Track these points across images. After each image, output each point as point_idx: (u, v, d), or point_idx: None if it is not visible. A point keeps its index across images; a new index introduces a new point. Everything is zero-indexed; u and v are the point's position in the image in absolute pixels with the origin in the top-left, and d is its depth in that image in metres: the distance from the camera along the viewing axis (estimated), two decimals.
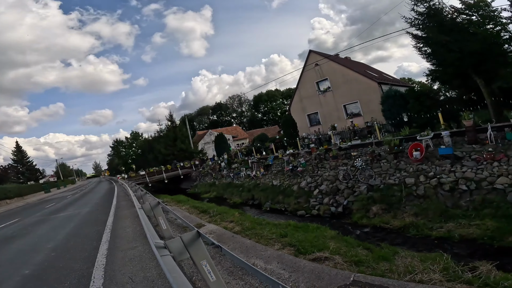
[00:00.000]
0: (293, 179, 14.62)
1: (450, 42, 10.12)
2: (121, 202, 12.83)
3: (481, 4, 10.59)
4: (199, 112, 69.32)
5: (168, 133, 34.39)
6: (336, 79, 23.24)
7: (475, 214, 7.15)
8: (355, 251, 6.07)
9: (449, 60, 10.35)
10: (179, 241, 2.56)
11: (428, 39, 11.04)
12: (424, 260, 5.10)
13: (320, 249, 6.15)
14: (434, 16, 11.07)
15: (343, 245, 6.58)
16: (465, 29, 10.58)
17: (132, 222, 7.76)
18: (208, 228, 7.77)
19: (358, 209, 9.61)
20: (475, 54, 9.99)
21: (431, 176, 8.99)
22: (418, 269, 4.69)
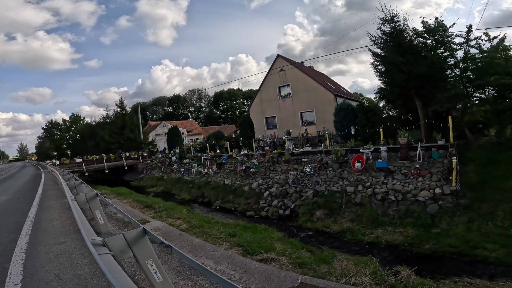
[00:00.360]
0: (245, 179, 14.81)
1: (402, 63, 11.30)
2: (49, 192, 11.26)
3: (440, 29, 11.84)
4: (154, 101, 65.58)
5: (116, 119, 31.69)
6: (298, 86, 24.30)
7: (400, 222, 8.21)
8: (299, 253, 6.44)
9: (397, 80, 11.56)
10: (122, 238, 2.39)
11: (385, 58, 12.12)
12: (357, 264, 5.67)
13: (267, 250, 6.38)
14: (396, 37, 12.12)
15: (288, 247, 6.92)
16: (418, 52, 11.82)
17: (60, 215, 6.98)
18: (153, 224, 7.39)
19: (303, 213, 10.19)
20: (420, 77, 11.33)
21: (367, 186, 10.03)
22: (352, 272, 5.19)
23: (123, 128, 30.62)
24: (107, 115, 33.99)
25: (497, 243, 6.31)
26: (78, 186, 9.06)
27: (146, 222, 7.52)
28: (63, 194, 8.58)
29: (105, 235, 5.21)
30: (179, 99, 65.68)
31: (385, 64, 12.13)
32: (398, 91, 12.64)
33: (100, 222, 5.22)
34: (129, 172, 28.80)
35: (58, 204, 8.40)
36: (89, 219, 6.74)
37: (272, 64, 26.34)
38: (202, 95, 67.03)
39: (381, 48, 13.15)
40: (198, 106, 67.89)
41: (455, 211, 8.00)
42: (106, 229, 5.39)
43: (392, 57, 11.54)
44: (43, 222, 6.46)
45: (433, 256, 6.53)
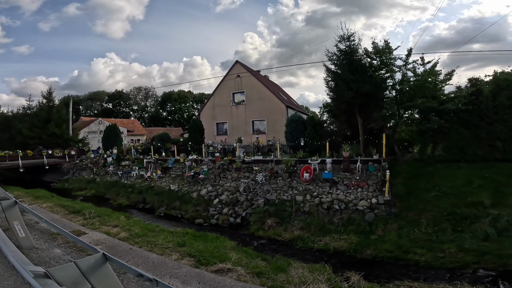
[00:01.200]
0: (193, 185, 14.16)
1: (352, 81, 12.32)
2: None
3: (386, 50, 12.89)
4: (91, 96, 58.44)
5: (39, 111, 27.01)
6: (252, 94, 24.64)
7: (343, 230, 8.85)
8: (255, 262, 6.36)
9: (345, 96, 12.56)
10: (74, 268, 1.88)
11: (338, 74, 13.01)
12: (312, 271, 5.85)
13: (222, 260, 6.15)
14: (349, 55, 12.99)
15: (243, 256, 6.79)
16: (365, 71, 12.88)
17: None
18: (91, 236, 6.41)
19: (255, 221, 10.18)
20: (365, 95, 12.46)
21: (315, 195, 10.61)
22: (309, 279, 5.32)
23: (47, 121, 26.27)
24: (29, 105, 28.81)
25: (424, 248, 7.28)
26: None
27: (82, 234, 6.46)
28: None
29: (29, 251, 4.28)
30: (121, 95, 60.08)
31: (336, 80, 13.03)
32: (345, 107, 13.72)
33: (20, 235, 4.29)
34: (50, 172, 24.77)
35: None
36: (3, 229, 5.50)
37: (230, 69, 26.29)
38: (149, 94, 62.71)
39: (335, 64, 14.02)
40: (143, 105, 63.14)
41: (388, 219, 9.00)
42: (29, 243, 4.49)
43: (344, 74, 12.47)
44: None
45: (374, 261, 7.18)
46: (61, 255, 4.40)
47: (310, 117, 15.57)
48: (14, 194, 15.39)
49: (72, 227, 7.08)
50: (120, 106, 60.06)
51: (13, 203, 4.67)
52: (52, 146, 25.33)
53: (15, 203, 4.72)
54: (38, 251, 4.40)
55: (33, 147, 24.78)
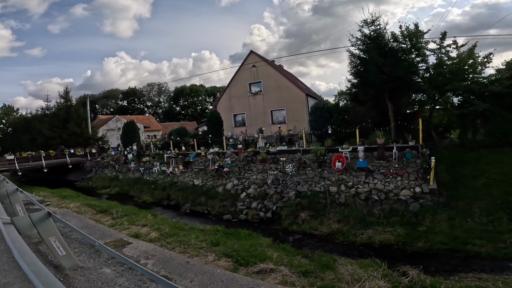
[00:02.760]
0: (217, 179, 13.96)
1: (384, 65, 11.71)
2: None
3: (418, 34, 12.47)
4: (105, 94, 59.72)
5: (58, 111, 27.65)
6: (269, 84, 24.08)
7: (386, 222, 8.34)
8: (297, 260, 6.02)
9: (376, 81, 11.94)
10: None
11: (368, 59, 12.45)
12: (363, 267, 5.43)
13: (261, 260, 5.85)
14: (375, 39, 12.50)
15: (283, 254, 6.49)
16: (397, 55, 12.37)
17: None
18: (137, 247, 5.88)
19: (287, 215, 9.83)
20: (398, 79, 11.86)
21: (350, 186, 10.10)
22: (363, 276, 4.91)
23: (67, 121, 26.88)
24: (47, 106, 29.53)
25: (482, 239, 6.70)
26: (12, 195, 6.76)
27: (126, 244, 6.05)
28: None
29: (74, 272, 3.76)
30: (135, 92, 60.98)
31: (365, 65, 12.44)
32: (374, 92, 13.08)
33: (60, 253, 3.69)
34: (73, 171, 25.46)
35: None
36: (36, 242, 5.22)
37: (244, 60, 25.77)
38: (162, 90, 63.26)
39: (360, 49, 13.50)
40: (156, 101, 63.91)
41: (435, 209, 8.40)
42: (72, 262, 3.84)
43: (374, 58, 11.88)
44: None
45: (428, 254, 6.70)
46: (113, 277, 3.79)
47: (335, 104, 14.92)
48: (40, 195, 15.77)
49: (112, 236, 6.59)
50: (135, 103, 61.08)
51: (46, 215, 3.88)
52: (73, 145, 25.96)
53: (49, 215, 3.91)
54: (85, 272, 3.85)
55: (55, 147, 25.48)
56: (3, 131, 34.63)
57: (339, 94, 48.78)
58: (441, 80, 11.85)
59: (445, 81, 11.83)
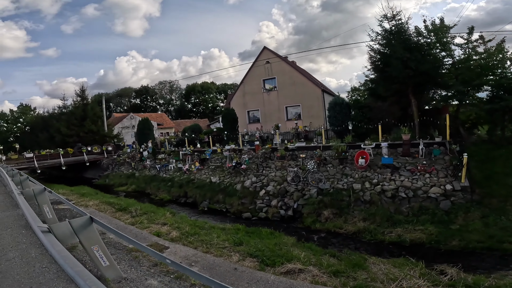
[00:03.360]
0: (235, 177, 13.95)
1: (410, 60, 11.44)
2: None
3: (444, 28, 12.31)
4: (119, 93, 61.05)
5: (75, 109, 28.42)
6: (284, 80, 23.90)
7: (416, 220, 8.12)
8: (325, 259, 5.91)
9: (401, 76, 11.67)
10: None
11: (390, 54, 12.21)
12: (397, 266, 5.28)
13: (288, 260, 5.74)
14: (398, 34, 12.33)
15: (309, 253, 6.37)
16: (422, 50, 12.15)
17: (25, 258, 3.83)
18: (175, 252, 5.59)
19: (309, 213, 9.73)
20: (424, 74, 11.57)
21: (375, 183, 9.87)
22: (399, 276, 4.78)
23: (83, 119, 27.60)
24: (64, 105, 30.44)
25: None
26: (39, 195, 6.12)
27: (163, 248, 5.79)
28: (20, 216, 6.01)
29: (119, 284, 3.42)
30: (148, 90, 62.04)
31: (389, 59, 12.21)
32: (397, 88, 12.81)
33: (103, 263, 3.35)
34: (91, 168, 26.10)
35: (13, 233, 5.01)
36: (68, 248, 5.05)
37: (258, 56, 25.65)
38: (174, 87, 64.14)
39: (381, 44, 13.32)
40: (168, 98, 64.82)
41: (468, 207, 8.12)
42: (116, 273, 3.50)
43: (399, 53, 11.62)
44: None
45: (463, 253, 6.52)
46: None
47: (355, 99, 14.65)
48: (60, 192, 16.21)
49: (146, 238, 6.41)
50: (147, 101, 62.18)
51: (87, 221, 3.38)
52: (90, 143, 26.61)
53: (91, 221, 3.39)
54: (130, 284, 3.50)
55: (72, 145, 26.20)
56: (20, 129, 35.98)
57: (352, 90, 48.03)
58: (469, 75, 11.51)
59: (473, 76, 11.51)
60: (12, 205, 6.99)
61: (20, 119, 39.99)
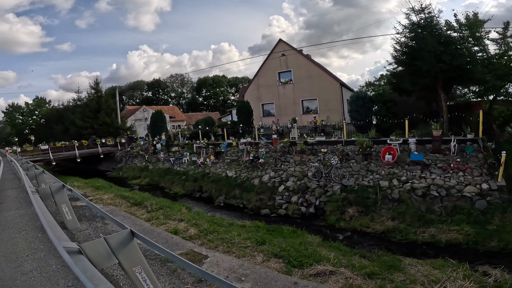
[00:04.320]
0: (251, 171, 13.78)
1: (443, 53, 10.95)
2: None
3: (477, 23, 12.00)
4: (131, 85, 62.01)
5: (89, 102, 28.85)
6: (300, 73, 23.46)
7: (450, 220, 7.74)
8: (356, 260, 5.67)
9: (433, 70, 11.21)
10: None
11: (421, 47, 11.79)
12: (437, 268, 5.04)
13: (317, 261, 5.51)
14: (427, 27, 11.97)
15: (338, 254, 6.14)
16: (455, 44, 11.73)
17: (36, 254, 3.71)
18: (217, 262, 5.11)
19: (332, 211, 9.47)
20: (458, 68, 11.06)
21: (403, 180, 9.49)
22: (441, 278, 4.54)
23: (98, 111, 27.99)
24: (79, 97, 30.97)
25: None
26: (57, 194, 5.56)
27: (202, 258, 5.33)
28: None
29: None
30: (160, 83, 62.68)
31: (420, 53, 11.76)
32: (426, 82, 12.32)
33: (146, 286, 2.70)
34: (104, 161, 26.53)
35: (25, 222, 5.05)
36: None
37: (273, 49, 25.23)
38: (185, 80, 64.54)
39: (409, 37, 13.01)
40: (179, 91, 65.32)
41: (505, 207, 7.70)
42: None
43: (432, 46, 11.14)
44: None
45: (502, 254, 6.22)
46: None
47: (378, 93, 14.14)
48: (75, 185, 16.34)
49: (178, 245, 5.99)
50: (159, 94, 62.86)
51: (128, 237, 2.75)
52: (104, 135, 26.98)
53: (132, 236, 2.75)
54: None
55: (87, 137, 26.63)
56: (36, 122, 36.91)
57: (367, 85, 47.08)
58: (505, 70, 10.97)
59: (510, 71, 10.96)
60: (26, 202, 6.46)
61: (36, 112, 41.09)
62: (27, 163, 12.23)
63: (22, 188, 8.45)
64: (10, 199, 7.08)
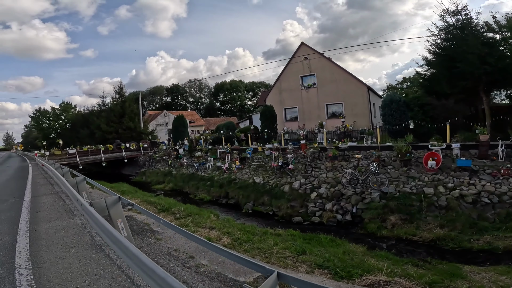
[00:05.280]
0: (280, 177, 13.61)
1: (488, 55, 10.59)
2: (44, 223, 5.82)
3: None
4: (151, 91, 64.12)
5: (114, 106, 29.90)
6: (324, 76, 23.24)
7: (505, 227, 7.31)
8: (412, 270, 5.40)
9: (476, 72, 10.87)
10: None
11: (463, 49, 11.50)
12: (504, 274, 4.75)
13: (367, 271, 5.26)
14: (467, 29, 11.76)
15: (388, 263, 5.86)
16: (500, 45, 11.31)
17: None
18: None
19: (371, 219, 9.14)
20: (503, 70, 10.62)
21: (450, 187, 9.06)
22: (510, 283, 4.24)
23: (122, 116, 28.92)
24: (103, 102, 32.22)
25: None
26: (112, 207, 4.86)
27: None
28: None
29: None
30: (178, 88, 64.31)
31: (462, 55, 11.42)
32: (468, 84, 11.88)
33: None
34: (127, 165, 27.19)
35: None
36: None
37: (295, 52, 25.19)
38: (203, 86, 65.89)
39: (444, 39, 12.89)
40: (197, 96, 66.71)
41: None
42: None
43: (476, 48, 10.77)
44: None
45: None
46: None
47: (414, 96, 13.74)
48: (94, 185, 16.56)
49: None
50: (178, 99, 64.41)
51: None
52: (127, 140, 27.75)
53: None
54: None
55: (111, 141, 27.48)
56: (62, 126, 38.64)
57: (388, 89, 46.08)
58: None
59: None
60: (66, 211, 6.15)
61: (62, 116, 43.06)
62: (61, 168, 12.06)
63: (57, 194, 8.44)
64: (46, 207, 6.82)
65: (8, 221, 5.81)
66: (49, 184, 10.61)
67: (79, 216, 5.83)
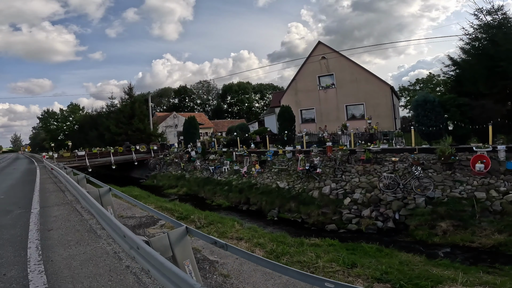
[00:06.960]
0: (306, 182, 13.12)
1: None
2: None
3: None
4: (159, 92, 64.45)
5: (123, 107, 29.76)
6: (343, 76, 22.85)
7: None
8: (488, 278, 4.97)
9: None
10: None
11: (507, 48, 11.20)
12: None
13: (437, 282, 4.84)
14: (507, 27, 11.70)
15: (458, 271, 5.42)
16: None
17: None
18: None
19: (418, 225, 8.67)
20: None
21: (503, 191, 8.61)
22: None
23: (131, 117, 28.73)
24: (112, 103, 32.14)
25: None
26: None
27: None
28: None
29: None
30: (186, 90, 64.54)
31: (505, 54, 11.05)
32: (505, 84, 11.48)
33: None
34: (137, 168, 26.87)
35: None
36: None
37: (311, 52, 24.86)
38: (211, 87, 66.10)
39: (480, 39, 12.82)
40: (205, 98, 66.89)
41: None
42: None
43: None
44: None
45: None
46: None
47: (450, 96, 13.25)
48: (112, 194, 15.97)
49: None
50: (185, 101, 64.64)
51: None
52: (137, 142, 27.48)
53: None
54: None
55: (120, 143, 27.23)
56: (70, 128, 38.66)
57: (401, 90, 45.57)
58: None
59: None
60: (86, 230, 5.02)
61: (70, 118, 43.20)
62: (77, 175, 9.76)
63: (71, 204, 7.35)
64: (60, 223, 5.57)
65: (13, 243, 4.54)
66: (60, 191, 9.36)
67: (105, 238, 4.55)
